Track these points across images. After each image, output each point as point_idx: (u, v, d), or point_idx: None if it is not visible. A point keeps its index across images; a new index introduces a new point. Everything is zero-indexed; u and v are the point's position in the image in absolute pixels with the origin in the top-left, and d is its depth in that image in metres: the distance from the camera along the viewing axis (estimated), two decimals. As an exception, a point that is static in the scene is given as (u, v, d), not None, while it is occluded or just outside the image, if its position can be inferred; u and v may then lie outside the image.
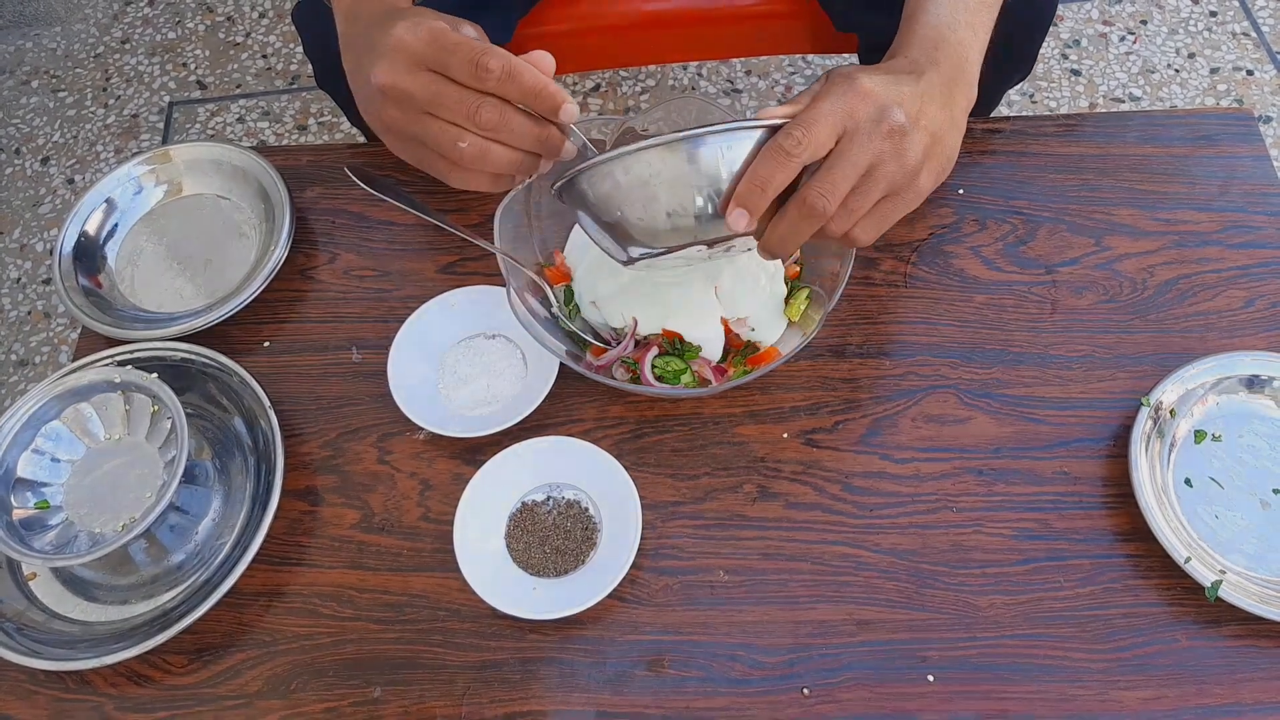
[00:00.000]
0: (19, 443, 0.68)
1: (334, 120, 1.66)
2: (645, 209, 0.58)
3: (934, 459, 0.70)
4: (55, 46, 1.79)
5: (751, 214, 0.55)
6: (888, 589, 0.66)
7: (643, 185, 0.57)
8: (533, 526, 0.68)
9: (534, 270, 0.74)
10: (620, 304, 0.72)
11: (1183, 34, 1.65)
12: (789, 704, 0.63)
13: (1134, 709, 0.62)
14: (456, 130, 0.57)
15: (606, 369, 0.72)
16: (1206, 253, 0.78)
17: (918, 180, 0.59)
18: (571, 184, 0.60)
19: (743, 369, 0.71)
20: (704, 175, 0.56)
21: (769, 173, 0.55)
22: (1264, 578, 0.65)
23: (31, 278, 1.53)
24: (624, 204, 0.58)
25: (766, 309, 0.73)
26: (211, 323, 0.77)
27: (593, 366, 0.72)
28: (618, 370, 0.72)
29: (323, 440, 0.73)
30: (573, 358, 0.71)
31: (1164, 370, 0.71)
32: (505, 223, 0.71)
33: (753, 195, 0.55)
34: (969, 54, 0.63)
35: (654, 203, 0.57)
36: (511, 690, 0.64)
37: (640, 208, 0.58)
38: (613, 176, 0.58)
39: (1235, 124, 0.84)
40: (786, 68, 1.67)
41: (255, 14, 1.80)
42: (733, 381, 0.70)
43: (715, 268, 0.73)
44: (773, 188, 0.55)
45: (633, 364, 0.72)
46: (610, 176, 0.58)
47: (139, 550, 0.69)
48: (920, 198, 0.60)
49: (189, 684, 0.65)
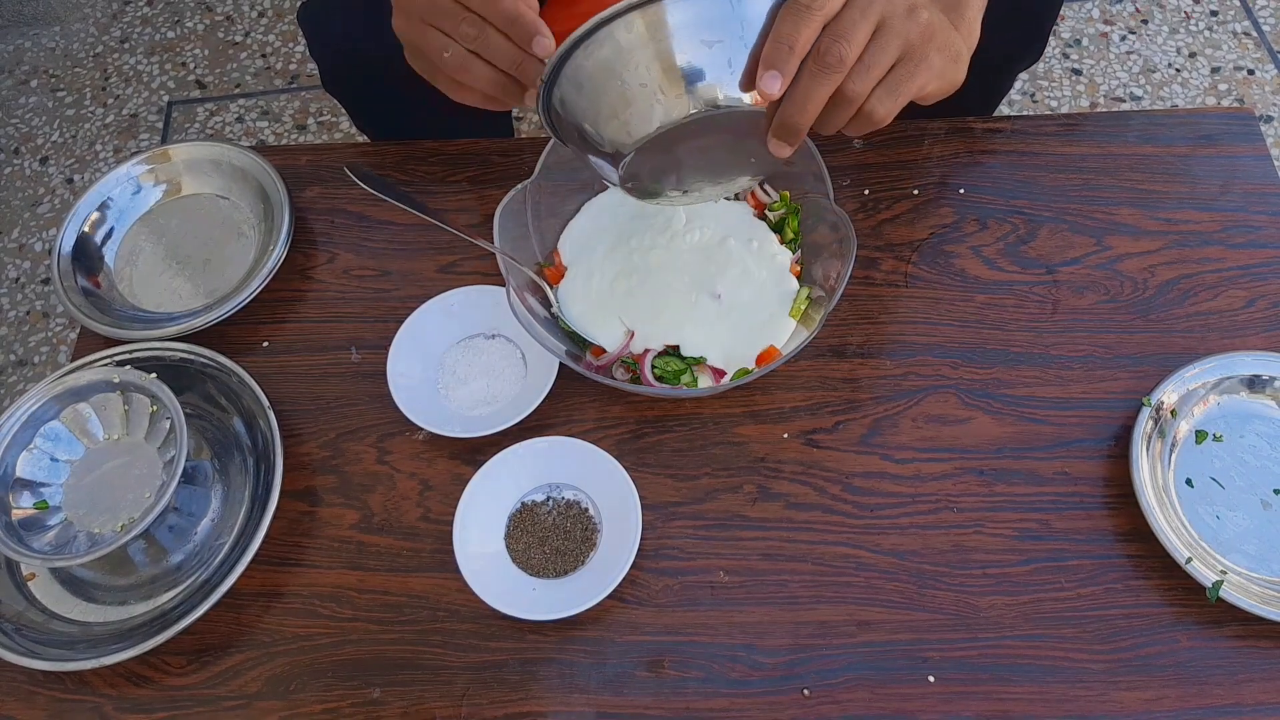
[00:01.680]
0: (18, 443, 0.68)
1: (333, 120, 1.66)
2: (647, 72, 0.53)
3: (935, 459, 0.70)
4: (54, 46, 1.78)
5: (784, 77, 0.53)
6: (888, 589, 0.66)
7: (643, 46, 0.53)
8: (532, 527, 0.68)
9: (533, 270, 0.74)
10: (613, 315, 0.72)
11: (1184, 33, 1.65)
12: (789, 705, 0.62)
13: (1135, 710, 0.62)
14: (445, 40, 0.60)
15: (606, 369, 0.72)
16: (1207, 252, 0.78)
17: (930, 50, 0.58)
18: (560, 77, 0.57)
19: (743, 370, 0.71)
20: (710, 26, 0.53)
21: (793, 30, 0.52)
22: (1265, 578, 0.65)
23: (30, 278, 1.53)
24: (624, 71, 0.54)
25: (773, 308, 0.72)
26: (210, 323, 0.77)
27: (592, 367, 0.72)
28: (618, 370, 0.72)
29: (322, 440, 0.73)
30: (572, 358, 0.71)
31: (1165, 370, 0.71)
32: (505, 222, 0.71)
33: (780, 54, 0.52)
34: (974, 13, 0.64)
35: (653, 66, 0.53)
36: (511, 691, 0.64)
37: (643, 71, 0.53)
38: (613, 38, 0.53)
39: (1236, 124, 0.84)
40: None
41: (254, 13, 1.80)
42: (733, 382, 0.70)
43: (710, 274, 0.72)
44: (800, 46, 0.53)
45: (633, 364, 0.72)
46: (609, 40, 0.54)
47: (138, 551, 0.69)
48: (932, 73, 0.59)
49: (188, 685, 0.65)
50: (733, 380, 0.70)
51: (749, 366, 0.71)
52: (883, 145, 0.82)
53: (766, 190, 0.78)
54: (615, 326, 0.73)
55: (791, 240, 0.76)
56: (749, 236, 0.75)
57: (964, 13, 0.65)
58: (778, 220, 0.77)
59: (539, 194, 0.74)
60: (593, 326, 0.73)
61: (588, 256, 0.76)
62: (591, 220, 0.78)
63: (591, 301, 0.74)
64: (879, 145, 0.83)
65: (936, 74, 0.60)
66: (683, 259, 0.75)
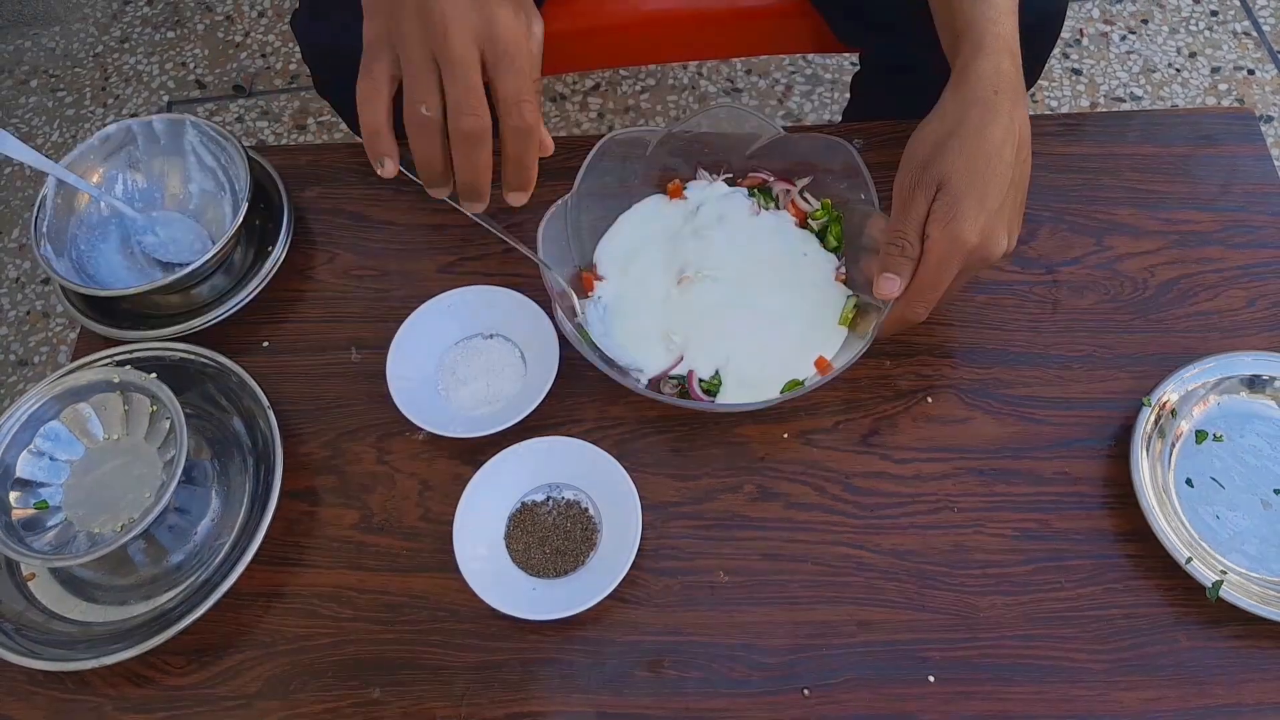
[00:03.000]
0: (18, 443, 0.68)
1: (333, 120, 1.66)
2: None
3: (935, 459, 0.70)
4: (54, 46, 1.78)
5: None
6: (888, 589, 0.66)
7: None
8: (532, 527, 0.68)
9: (570, 283, 0.74)
10: (657, 332, 0.73)
11: (1184, 33, 1.65)
12: (789, 705, 0.62)
13: (1135, 709, 0.62)
14: (413, 101, 0.60)
15: (655, 385, 0.72)
16: (1208, 252, 0.78)
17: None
18: None
19: (794, 382, 0.71)
20: None
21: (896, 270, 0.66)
22: (1265, 578, 0.65)
23: (30, 277, 1.53)
24: None
25: (822, 317, 0.73)
26: (210, 323, 0.76)
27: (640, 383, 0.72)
28: (666, 385, 0.72)
29: (322, 440, 0.73)
30: (618, 373, 0.71)
31: (1165, 370, 0.71)
32: (547, 233, 0.72)
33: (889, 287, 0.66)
34: (1020, 65, 0.67)
35: None
36: (511, 691, 0.64)
37: None
38: None
39: (1236, 123, 0.84)
40: (787, 67, 1.67)
41: (254, 13, 1.80)
42: (784, 395, 0.69)
43: (758, 286, 0.73)
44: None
45: (679, 379, 0.72)
46: None
47: (138, 551, 0.69)
48: None
49: (188, 685, 0.65)
50: (783, 393, 0.70)
51: (799, 378, 0.71)
52: (884, 145, 0.82)
53: (807, 199, 0.78)
54: (657, 345, 0.73)
55: (835, 248, 0.76)
56: (796, 247, 0.76)
57: (1023, 103, 0.67)
58: (820, 228, 0.77)
59: (577, 211, 0.75)
60: (635, 344, 0.73)
61: (628, 270, 0.76)
62: (630, 233, 0.78)
63: (636, 318, 0.74)
64: (880, 145, 0.83)
65: None
66: (728, 272, 0.74)
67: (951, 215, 0.63)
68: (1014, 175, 0.65)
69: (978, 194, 0.63)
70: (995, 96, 0.64)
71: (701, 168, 0.80)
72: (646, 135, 0.77)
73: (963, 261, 0.64)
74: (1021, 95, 0.66)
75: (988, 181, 0.63)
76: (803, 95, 1.63)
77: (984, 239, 0.63)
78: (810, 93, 1.63)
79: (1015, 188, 0.65)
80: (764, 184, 0.79)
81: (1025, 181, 0.67)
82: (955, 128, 0.64)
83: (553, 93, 1.66)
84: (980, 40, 0.66)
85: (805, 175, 0.78)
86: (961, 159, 0.64)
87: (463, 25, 0.58)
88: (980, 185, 0.63)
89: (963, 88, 0.66)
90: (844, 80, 1.64)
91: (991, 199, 0.63)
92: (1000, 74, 0.65)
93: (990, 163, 0.63)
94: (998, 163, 0.63)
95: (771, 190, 0.79)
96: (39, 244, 0.78)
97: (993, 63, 0.65)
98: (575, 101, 1.65)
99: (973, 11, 0.67)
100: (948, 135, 0.65)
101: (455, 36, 0.58)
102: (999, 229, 0.64)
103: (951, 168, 0.64)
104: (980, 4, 0.67)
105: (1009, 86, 0.65)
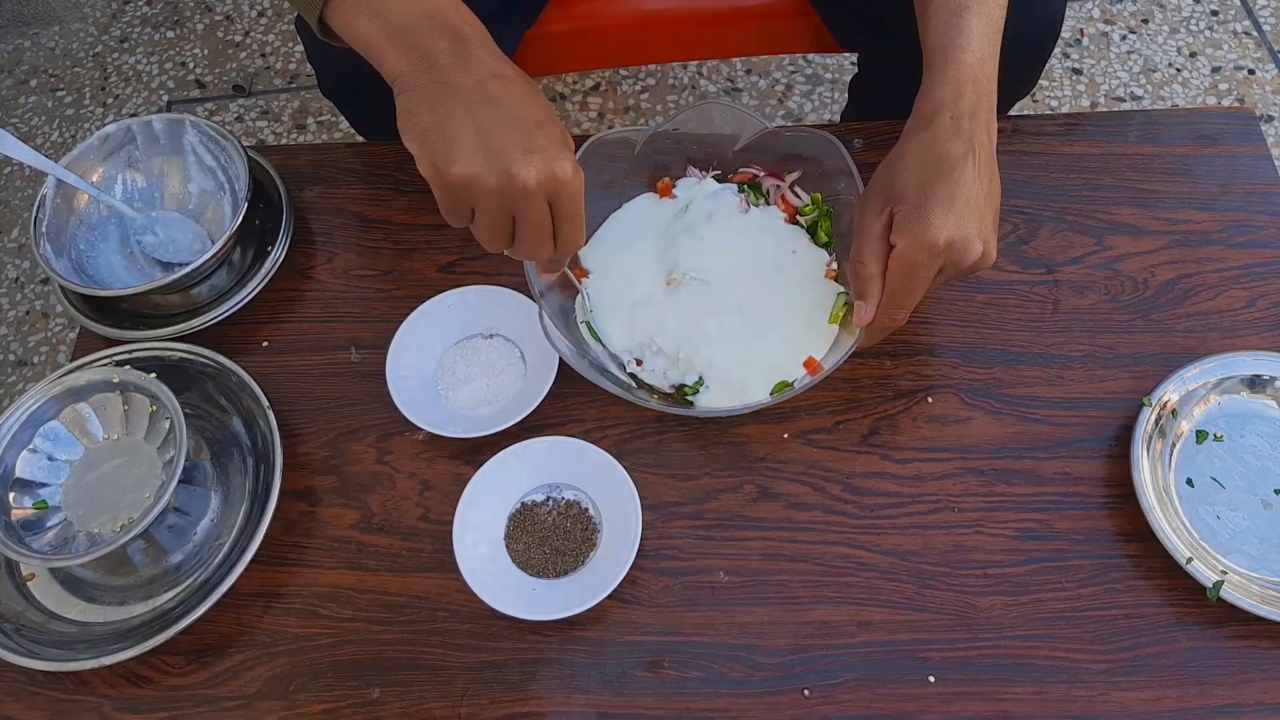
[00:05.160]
0: (17, 443, 0.68)
1: (333, 120, 1.66)
2: None
3: (935, 459, 0.70)
4: (54, 46, 1.78)
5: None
6: (889, 590, 0.66)
7: None
8: (532, 527, 0.68)
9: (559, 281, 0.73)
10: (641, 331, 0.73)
11: (1184, 33, 1.65)
12: (789, 705, 0.62)
13: (1135, 710, 0.62)
14: (492, 242, 0.61)
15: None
16: (1208, 252, 0.78)
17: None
18: None
19: (783, 384, 0.71)
20: None
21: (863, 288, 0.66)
22: (1265, 578, 0.65)
23: (30, 277, 1.53)
24: None
25: (812, 315, 0.72)
26: (210, 323, 0.76)
27: None
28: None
29: (321, 440, 0.73)
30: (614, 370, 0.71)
31: (1165, 370, 0.71)
32: None
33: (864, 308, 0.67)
34: (993, 89, 0.67)
35: None
36: (511, 691, 0.64)
37: None
38: None
39: (1236, 123, 0.84)
40: (787, 67, 1.66)
41: (254, 13, 1.80)
42: (774, 397, 0.69)
43: (748, 284, 0.73)
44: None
45: None
46: None
47: (137, 551, 0.69)
48: None
49: (187, 685, 0.65)
50: (772, 395, 0.70)
51: (788, 379, 0.71)
52: (883, 145, 0.82)
53: (797, 193, 0.78)
54: (643, 346, 0.73)
55: (826, 244, 0.76)
56: (785, 244, 0.75)
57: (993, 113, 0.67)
58: (809, 224, 0.77)
59: None
60: (619, 345, 0.73)
61: (617, 271, 0.76)
62: (618, 231, 0.78)
63: (621, 317, 0.74)
64: (879, 145, 0.83)
65: None
66: (716, 273, 0.74)
67: (912, 222, 0.63)
68: (985, 189, 0.64)
69: (940, 200, 0.62)
70: (952, 121, 0.64)
71: (691, 165, 0.80)
72: (633, 135, 0.76)
73: (933, 265, 0.63)
74: (986, 119, 0.65)
75: (951, 190, 0.63)
76: (803, 95, 1.63)
77: (952, 240, 0.62)
78: (810, 92, 1.63)
79: (988, 201, 0.65)
80: (754, 179, 0.79)
81: (997, 198, 0.66)
82: (909, 151, 0.65)
83: (553, 93, 1.66)
84: (945, 68, 0.66)
85: (794, 170, 0.78)
86: (917, 174, 0.63)
87: (539, 189, 0.58)
88: (941, 192, 0.63)
89: (920, 115, 0.66)
90: (844, 80, 1.64)
91: (959, 204, 0.63)
92: (960, 99, 0.64)
93: (950, 173, 0.63)
94: (959, 174, 0.63)
95: (761, 185, 0.79)
96: (38, 244, 0.77)
97: (953, 90, 0.65)
98: (575, 101, 1.65)
99: (943, 39, 0.67)
100: (901, 159, 0.65)
101: (535, 203, 0.58)
102: (970, 233, 0.63)
103: (906, 183, 0.64)
104: (951, 31, 0.66)
105: (969, 111, 0.64)
